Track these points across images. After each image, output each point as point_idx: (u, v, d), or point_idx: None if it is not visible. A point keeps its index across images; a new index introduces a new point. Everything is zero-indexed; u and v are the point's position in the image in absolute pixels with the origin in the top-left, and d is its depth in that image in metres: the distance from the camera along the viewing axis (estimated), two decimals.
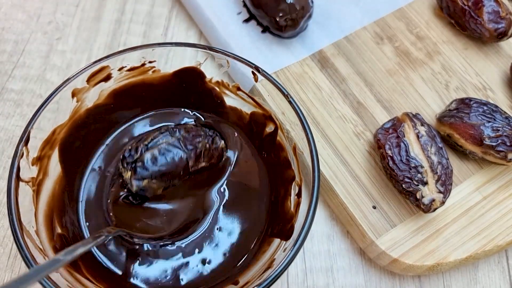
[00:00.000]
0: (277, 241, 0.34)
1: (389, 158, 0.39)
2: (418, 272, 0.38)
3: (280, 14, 0.45)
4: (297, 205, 0.34)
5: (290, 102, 0.34)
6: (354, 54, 0.47)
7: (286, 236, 0.33)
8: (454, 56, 0.48)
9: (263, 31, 0.48)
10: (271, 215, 0.37)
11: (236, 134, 0.39)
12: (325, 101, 0.44)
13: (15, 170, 0.31)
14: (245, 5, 0.49)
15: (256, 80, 0.36)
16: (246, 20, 0.49)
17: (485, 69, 0.47)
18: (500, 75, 0.47)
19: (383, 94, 0.45)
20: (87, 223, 0.36)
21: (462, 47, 0.48)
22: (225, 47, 0.47)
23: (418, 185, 0.37)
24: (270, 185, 0.38)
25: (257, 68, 0.35)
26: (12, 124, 0.44)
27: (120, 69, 0.37)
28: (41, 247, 0.31)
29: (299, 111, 0.34)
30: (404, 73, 0.46)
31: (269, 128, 0.38)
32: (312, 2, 0.46)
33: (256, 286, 0.29)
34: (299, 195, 0.34)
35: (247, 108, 0.39)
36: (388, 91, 0.45)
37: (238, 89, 0.39)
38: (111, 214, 0.35)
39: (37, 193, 0.33)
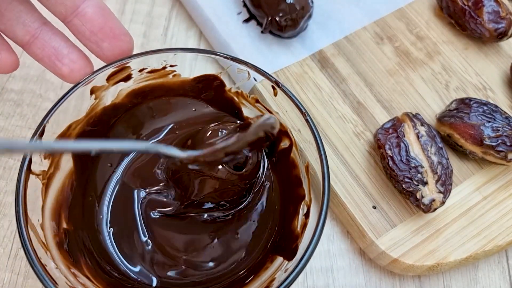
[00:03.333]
0: (279, 259, 0.34)
1: (389, 158, 0.39)
2: (418, 272, 0.38)
3: (280, 14, 0.45)
4: (304, 225, 0.33)
5: (307, 121, 0.33)
6: (354, 54, 0.47)
7: (289, 256, 0.33)
8: (454, 56, 0.48)
9: (263, 31, 0.48)
10: (278, 232, 0.36)
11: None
12: (325, 101, 0.44)
13: (26, 162, 0.31)
14: (245, 5, 0.49)
15: (275, 94, 0.36)
16: (246, 20, 0.49)
17: (485, 69, 0.47)
18: (500, 75, 0.47)
19: (383, 94, 0.45)
20: (101, 217, 0.36)
21: (462, 47, 0.48)
22: (225, 47, 0.47)
23: (418, 185, 0.37)
24: (281, 201, 0.38)
25: (277, 83, 0.35)
26: (12, 124, 0.44)
27: (140, 71, 0.37)
28: (44, 241, 0.31)
29: (315, 131, 0.33)
30: (404, 73, 0.46)
31: (284, 144, 0.38)
32: (312, 2, 0.46)
33: None
34: (307, 215, 0.34)
35: None
36: (388, 91, 0.45)
37: (257, 101, 0.38)
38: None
39: (46, 186, 0.33)
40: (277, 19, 0.45)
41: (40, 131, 0.32)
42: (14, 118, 0.45)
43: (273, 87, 0.35)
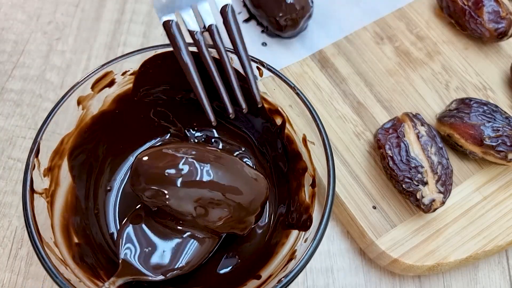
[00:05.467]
0: (295, 232, 0.34)
1: (389, 158, 0.38)
2: (418, 272, 0.38)
3: (280, 14, 0.45)
4: (313, 195, 0.34)
5: (297, 94, 0.34)
6: (354, 54, 0.47)
7: (304, 227, 0.33)
8: (454, 56, 0.48)
9: (263, 31, 0.48)
10: (282, 207, 0.37)
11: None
12: (325, 101, 0.44)
13: (28, 182, 0.30)
14: (245, 5, 0.49)
15: (261, 74, 0.36)
16: (246, 20, 0.49)
17: (485, 69, 0.47)
18: (500, 75, 0.47)
19: (383, 94, 0.45)
20: (108, 231, 0.37)
21: (462, 47, 0.48)
22: None
23: (418, 185, 0.37)
24: (275, 179, 0.38)
25: (261, 63, 0.35)
26: (12, 124, 0.44)
27: (123, 74, 0.36)
28: (61, 257, 0.31)
29: (307, 102, 0.34)
30: (404, 73, 0.46)
31: (277, 122, 0.38)
32: (312, 2, 0.46)
33: (283, 278, 0.29)
34: (313, 185, 0.34)
35: None
36: (388, 91, 0.45)
37: None
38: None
39: (51, 204, 0.33)
40: (277, 19, 0.45)
41: (35, 150, 0.32)
42: (14, 118, 0.45)
43: (258, 68, 0.36)
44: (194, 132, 0.41)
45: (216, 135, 0.41)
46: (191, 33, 0.33)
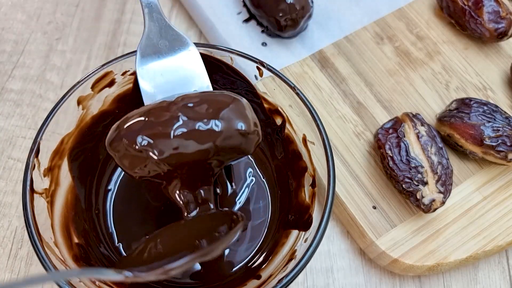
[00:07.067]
0: (295, 232, 0.34)
1: (389, 158, 0.38)
2: (418, 272, 0.38)
3: (280, 14, 0.45)
4: (313, 195, 0.34)
5: (297, 94, 0.34)
6: (354, 54, 0.47)
7: (304, 227, 0.33)
8: (454, 56, 0.48)
9: (263, 31, 0.48)
10: (283, 207, 0.37)
11: None
12: (325, 101, 0.44)
13: (28, 182, 0.30)
14: (245, 5, 0.49)
15: (261, 74, 0.36)
16: (246, 20, 0.49)
17: (485, 69, 0.47)
18: (500, 75, 0.47)
19: (383, 94, 0.45)
20: (107, 231, 0.37)
21: (462, 47, 0.48)
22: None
23: (418, 185, 0.37)
24: (275, 179, 0.39)
25: (261, 63, 0.35)
26: (12, 124, 0.44)
27: (123, 74, 0.36)
28: (61, 257, 0.31)
29: (307, 102, 0.34)
30: (404, 73, 0.46)
31: (277, 122, 0.38)
32: (312, 2, 0.46)
33: (283, 277, 0.29)
34: (313, 185, 0.35)
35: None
36: (388, 91, 0.45)
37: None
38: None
39: (51, 204, 0.33)
40: (277, 19, 0.45)
41: (35, 150, 0.32)
42: (14, 118, 0.45)
43: (258, 67, 0.36)
44: None
45: None
46: None
